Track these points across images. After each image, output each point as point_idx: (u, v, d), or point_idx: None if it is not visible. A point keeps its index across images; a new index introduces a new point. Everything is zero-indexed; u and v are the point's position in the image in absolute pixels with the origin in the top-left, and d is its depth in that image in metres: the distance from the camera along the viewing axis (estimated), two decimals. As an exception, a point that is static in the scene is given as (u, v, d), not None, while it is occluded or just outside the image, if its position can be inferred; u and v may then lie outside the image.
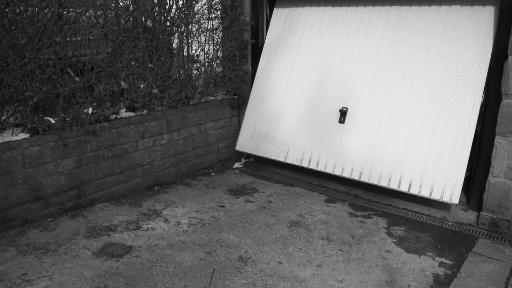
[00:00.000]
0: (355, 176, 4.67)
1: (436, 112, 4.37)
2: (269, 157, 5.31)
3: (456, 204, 4.18)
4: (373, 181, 4.56)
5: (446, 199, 4.18)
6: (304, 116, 5.13)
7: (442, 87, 4.39)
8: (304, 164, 5.03)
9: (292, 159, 5.12)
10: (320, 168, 4.91)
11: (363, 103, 4.76)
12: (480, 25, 4.26)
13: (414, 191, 4.35)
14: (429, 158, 4.32)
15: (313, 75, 5.16)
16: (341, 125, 4.85)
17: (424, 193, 4.29)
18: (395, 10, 4.80)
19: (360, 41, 4.93)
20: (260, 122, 5.45)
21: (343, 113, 4.83)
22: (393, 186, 4.45)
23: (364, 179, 4.61)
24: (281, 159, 5.21)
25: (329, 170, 4.86)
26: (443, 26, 4.49)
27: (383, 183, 4.50)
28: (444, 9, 4.53)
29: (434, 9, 4.59)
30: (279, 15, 5.63)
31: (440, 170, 4.25)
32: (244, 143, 5.55)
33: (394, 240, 3.90)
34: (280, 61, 5.43)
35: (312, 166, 4.97)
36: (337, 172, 4.80)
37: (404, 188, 4.40)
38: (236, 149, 5.63)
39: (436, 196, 4.23)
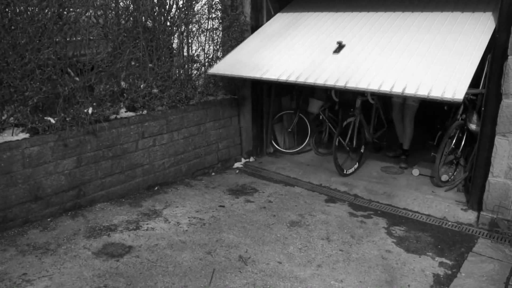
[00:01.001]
0: (340, 84, 4.20)
1: (442, 41, 4.23)
2: (242, 75, 4.89)
3: (460, 101, 3.66)
4: (362, 86, 4.08)
5: (448, 95, 3.64)
6: (297, 50, 4.92)
7: (448, 32, 4.36)
8: (282, 78, 4.58)
9: (268, 76, 4.69)
10: (300, 80, 4.46)
11: (361, 44, 4.65)
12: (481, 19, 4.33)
13: (409, 91, 3.84)
14: (430, 65, 4.04)
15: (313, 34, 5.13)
16: (335, 55, 4.60)
17: (421, 93, 3.77)
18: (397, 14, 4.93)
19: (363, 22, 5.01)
20: (246, 57, 5.12)
21: (341, 46, 4.65)
22: (385, 88, 3.96)
23: (351, 85, 4.14)
24: (257, 75, 4.76)
25: (310, 81, 4.39)
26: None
27: (373, 87, 4.02)
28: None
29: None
30: (282, 15, 5.66)
31: (442, 75, 3.88)
32: (218, 68, 5.15)
33: (394, 240, 3.90)
34: (282, 36, 5.34)
35: (291, 79, 4.52)
36: (320, 82, 4.32)
37: (397, 90, 3.90)
38: (209, 72, 5.21)
39: (435, 94, 3.70)
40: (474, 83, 5.75)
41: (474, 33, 4.19)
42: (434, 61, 4.05)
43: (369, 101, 5.58)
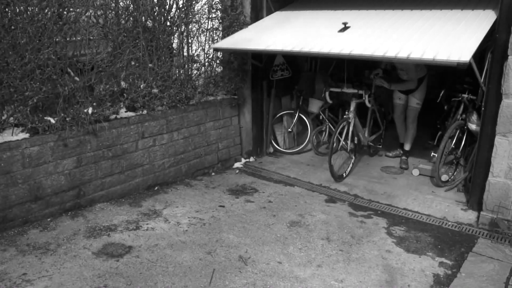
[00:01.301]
0: (345, 52, 4.19)
1: (444, 24, 4.26)
2: (245, 47, 4.90)
3: (466, 63, 3.57)
4: (367, 53, 4.07)
5: (454, 58, 3.61)
6: (301, 29, 4.94)
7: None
8: (287, 49, 4.56)
9: (273, 47, 4.68)
10: (305, 50, 4.44)
11: (366, 26, 4.67)
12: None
13: (415, 56, 3.84)
14: (434, 37, 4.06)
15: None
16: (340, 33, 4.60)
17: (427, 57, 3.76)
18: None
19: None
20: (250, 35, 5.13)
21: (346, 27, 4.66)
22: (390, 54, 3.96)
23: (356, 52, 4.12)
24: (261, 47, 4.75)
25: (314, 50, 4.39)
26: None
27: (378, 54, 4.02)
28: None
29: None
30: (283, 12, 5.67)
31: (447, 43, 3.88)
32: (222, 44, 5.18)
33: (394, 240, 3.89)
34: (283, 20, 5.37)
35: (296, 49, 4.50)
36: (324, 51, 4.31)
37: (403, 55, 3.90)
38: (212, 46, 5.27)
39: (441, 57, 3.67)
40: (475, 83, 5.75)
41: (477, 19, 4.22)
42: (439, 35, 4.06)
43: (365, 104, 5.47)
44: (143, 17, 4.65)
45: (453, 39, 3.93)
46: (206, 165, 5.48)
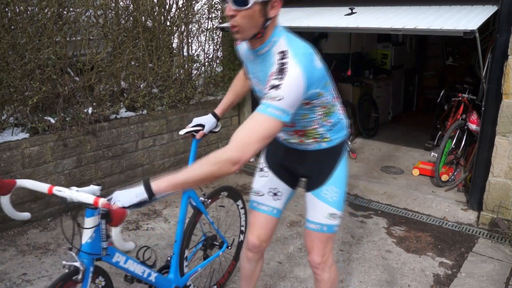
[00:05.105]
0: (352, 25, 4.26)
1: (448, 11, 4.32)
2: None
3: (474, 31, 3.63)
4: (374, 25, 4.15)
5: (460, 27, 3.68)
6: (304, 13, 5.01)
7: None
8: (294, 25, 4.49)
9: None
10: (312, 25, 4.46)
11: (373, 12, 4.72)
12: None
13: (422, 27, 3.91)
14: (441, 16, 4.16)
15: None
16: (347, 16, 4.60)
17: (435, 27, 3.82)
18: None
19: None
20: None
21: (352, 12, 4.70)
22: (397, 26, 4.07)
23: (363, 25, 4.20)
24: None
25: (321, 25, 4.43)
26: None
27: (385, 26, 4.12)
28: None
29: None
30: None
31: (454, 19, 3.99)
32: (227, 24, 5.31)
33: (394, 240, 3.89)
34: None
35: (303, 25, 4.51)
36: (331, 25, 4.37)
37: (409, 27, 4.01)
38: (217, 26, 5.28)
39: (448, 27, 3.74)
40: (475, 83, 5.76)
41: (478, 10, 4.25)
42: (444, 16, 4.14)
43: None
44: (143, 17, 4.65)
45: (458, 18, 4.00)
46: (206, 165, 5.47)
